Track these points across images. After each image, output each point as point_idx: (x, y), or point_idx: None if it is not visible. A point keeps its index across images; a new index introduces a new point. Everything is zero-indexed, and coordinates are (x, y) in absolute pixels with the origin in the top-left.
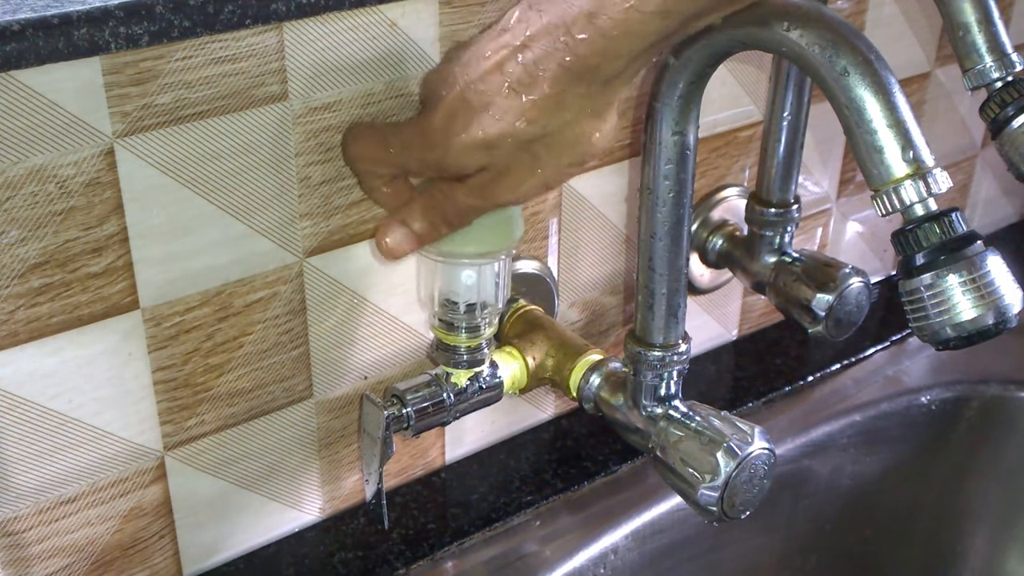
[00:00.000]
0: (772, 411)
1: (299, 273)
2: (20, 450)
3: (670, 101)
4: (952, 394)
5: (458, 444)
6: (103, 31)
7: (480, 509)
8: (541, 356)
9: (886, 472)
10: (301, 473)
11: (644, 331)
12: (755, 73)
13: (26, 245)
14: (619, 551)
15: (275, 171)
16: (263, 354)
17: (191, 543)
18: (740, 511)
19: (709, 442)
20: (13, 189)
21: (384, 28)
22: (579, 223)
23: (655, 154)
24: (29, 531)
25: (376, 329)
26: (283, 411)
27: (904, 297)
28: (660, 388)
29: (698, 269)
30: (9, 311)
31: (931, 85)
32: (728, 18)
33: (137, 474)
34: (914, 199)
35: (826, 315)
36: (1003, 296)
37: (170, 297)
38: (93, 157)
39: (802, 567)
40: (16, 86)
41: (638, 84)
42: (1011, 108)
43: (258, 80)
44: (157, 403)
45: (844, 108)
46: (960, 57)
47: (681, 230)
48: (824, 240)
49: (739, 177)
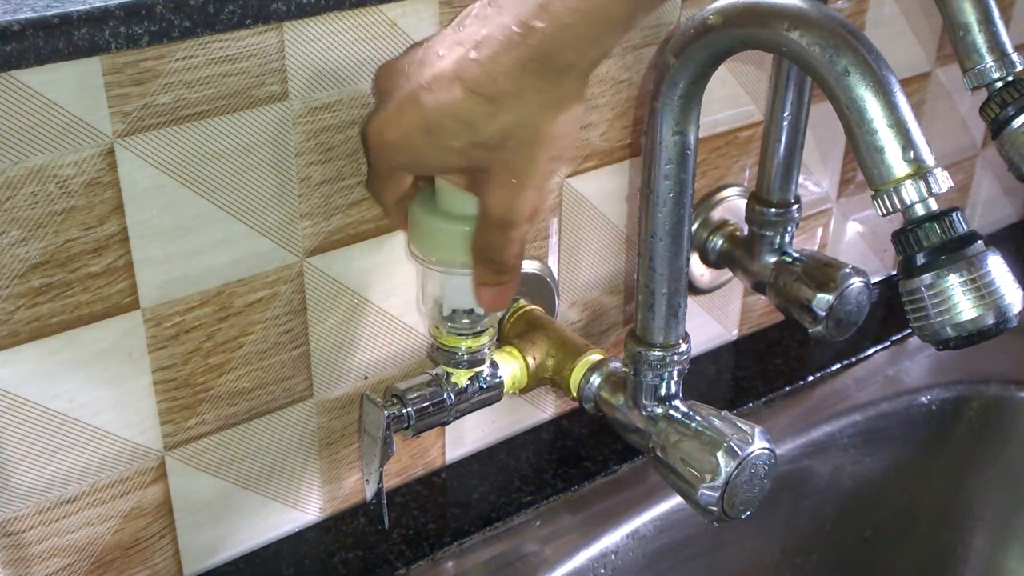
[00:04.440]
0: (772, 411)
1: (299, 273)
2: (20, 450)
3: (670, 101)
4: (952, 394)
5: (458, 444)
6: (103, 31)
7: (480, 509)
8: (541, 356)
9: (886, 472)
10: (301, 473)
11: (644, 331)
12: (755, 73)
13: (26, 245)
14: (619, 551)
15: (275, 171)
16: (263, 354)
17: (191, 543)
18: (740, 511)
19: (709, 442)
20: (13, 189)
21: (384, 28)
22: (579, 223)
23: (655, 154)
24: (29, 531)
25: (376, 329)
26: (283, 411)
27: (904, 297)
28: (660, 388)
29: (698, 269)
30: (9, 311)
31: (931, 85)
32: (728, 18)
33: (137, 474)
34: (914, 199)
35: (826, 315)
36: (1003, 296)
37: (170, 297)
38: (93, 157)
39: (802, 567)
40: (16, 86)
41: (638, 84)
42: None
43: (258, 80)
44: (157, 403)
45: (845, 108)
46: (960, 57)
47: (681, 230)
48: (824, 240)
49: (739, 177)
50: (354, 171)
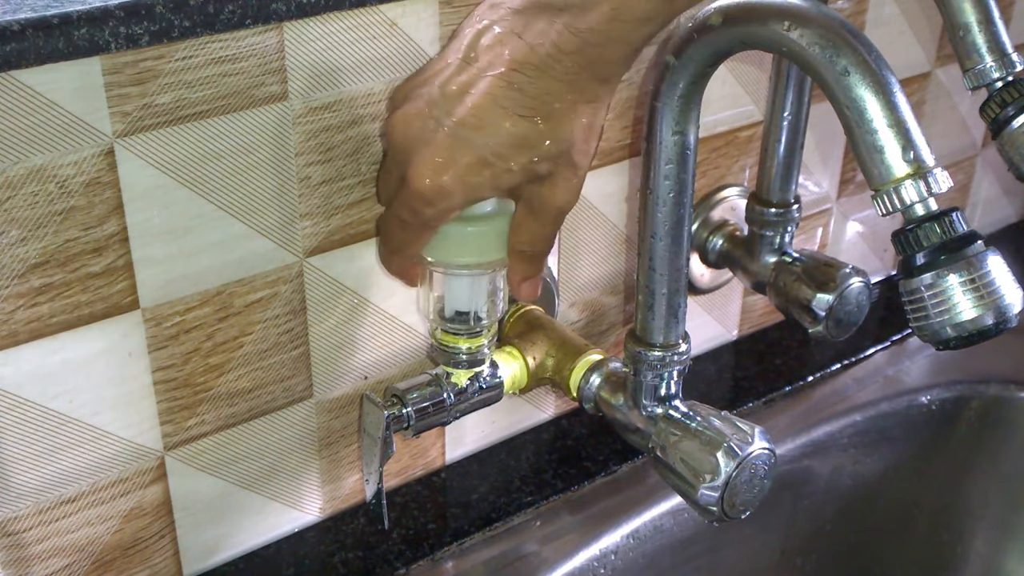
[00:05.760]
0: (772, 411)
1: (299, 273)
2: (20, 450)
3: (670, 101)
4: (952, 394)
5: (458, 444)
6: (103, 31)
7: (480, 509)
8: (541, 356)
9: (886, 472)
10: (301, 473)
11: (644, 331)
12: (755, 73)
13: (26, 245)
14: (619, 551)
15: (275, 171)
16: (263, 354)
17: (191, 543)
18: (740, 511)
19: (709, 442)
20: (13, 189)
21: (384, 28)
22: (579, 223)
23: (655, 154)
24: (29, 531)
25: (376, 329)
26: (283, 411)
27: (904, 297)
28: (660, 388)
29: (698, 269)
30: (9, 311)
31: (931, 85)
32: (728, 18)
33: (137, 474)
34: (914, 199)
35: (826, 315)
36: (1003, 296)
37: (170, 297)
38: (93, 157)
39: (802, 567)
40: (16, 86)
41: (638, 84)
42: (1011, 108)
43: (258, 80)
44: (157, 403)
45: (844, 108)
46: (960, 57)
47: (681, 230)
48: (824, 240)
49: (739, 177)
50: (354, 171)
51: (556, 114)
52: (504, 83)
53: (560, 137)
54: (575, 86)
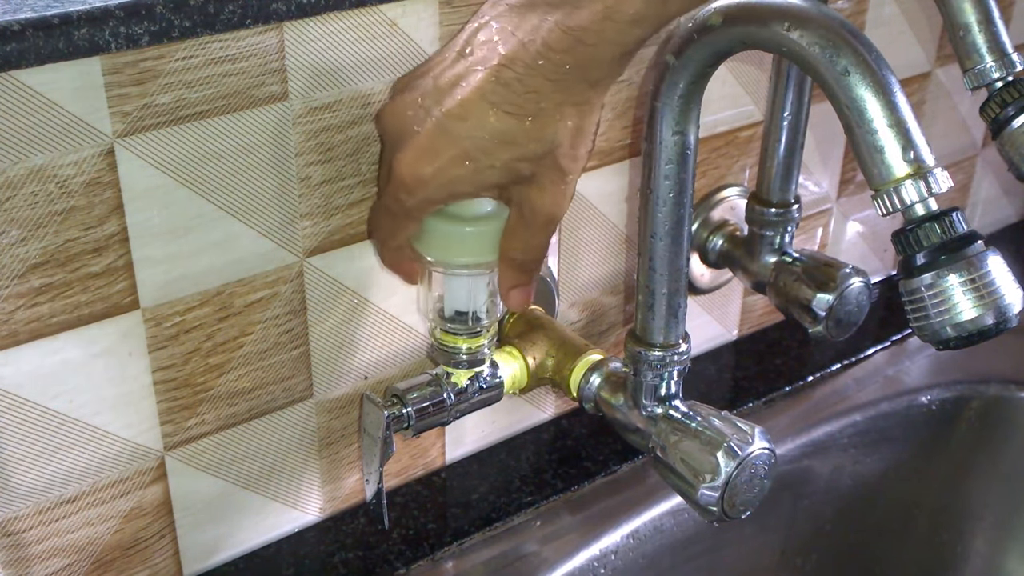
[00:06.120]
0: (772, 411)
1: (299, 273)
2: (20, 450)
3: (670, 101)
4: (952, 394)
5: (458, 444)
6: (103, 31)
7: (480, 509)
8: (541, 356)
9: (886, 472)
10: (301, 473)
11: (644, 331)
12: (755, 73)
13: (26, 245)
14: (619, 551)
15: (275, 171)
16: (263, 354)
17: (191, 543)
18: (740, 511)
19: (709, 442)
20: (13, 189)
21: (384, 28)
22: (579, 223)
23: (655, 154)
24: (29, 531)
25: (376, 329)
26: (283, 411)
27: (904, 297)
28: (660, 388)
29: (698, 269)
30: (9, 311)
31: (931, 85)
32: (728, 18)
33: (137, 474)
34: (914, 199)
35: (826, 315)
36: (1003, 296)
37: (170, 297)
38: (93, 157)
39: (802, 567)
40: (16, 86)
41: (638, 84)
42: (1011, 108)
43: (258, 80)
44: (157, 403)
45: (845, 108)
46: (960, 57)
47: (681, 230)
48: (824, 240)
49: (739, 177)
50: (354, 171)
51: (542, 114)
52: (493, 78)
53: (544, 138)
54: (563, 86)
